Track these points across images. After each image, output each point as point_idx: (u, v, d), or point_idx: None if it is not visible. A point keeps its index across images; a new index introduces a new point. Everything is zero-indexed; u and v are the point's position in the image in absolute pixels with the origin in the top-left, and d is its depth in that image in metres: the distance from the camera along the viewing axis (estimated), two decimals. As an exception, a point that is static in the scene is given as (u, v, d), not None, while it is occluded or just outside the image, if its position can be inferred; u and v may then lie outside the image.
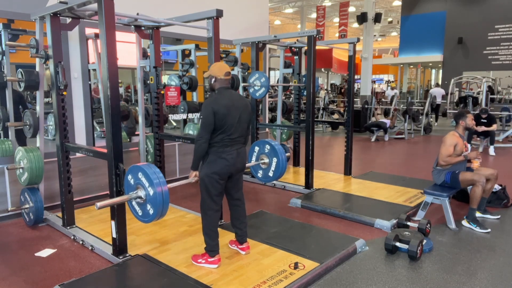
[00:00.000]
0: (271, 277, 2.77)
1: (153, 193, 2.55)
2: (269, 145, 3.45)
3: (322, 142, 10.24)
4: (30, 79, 3.63)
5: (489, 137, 8.16)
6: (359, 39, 5.73)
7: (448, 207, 3.93)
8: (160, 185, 2.54)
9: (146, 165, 2.64)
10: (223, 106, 2.81)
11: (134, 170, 2.66)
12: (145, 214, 2.65)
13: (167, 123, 5.52)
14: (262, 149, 3.52)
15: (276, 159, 3.43)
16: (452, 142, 4.01)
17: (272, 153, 3.46)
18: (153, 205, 2.56)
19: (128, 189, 2.74)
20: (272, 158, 3.45)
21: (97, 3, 2.79)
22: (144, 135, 4.67)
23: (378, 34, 23.86)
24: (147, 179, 2.57)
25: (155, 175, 2.56)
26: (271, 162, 3.46)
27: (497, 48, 16.25)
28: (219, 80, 2.93)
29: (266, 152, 3.49)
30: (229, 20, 4.56)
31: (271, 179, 3.51)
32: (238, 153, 2.93)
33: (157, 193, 2.53)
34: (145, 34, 4.26)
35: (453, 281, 2.88)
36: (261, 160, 3.51)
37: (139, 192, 2.63)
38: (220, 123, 2.80)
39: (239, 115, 2.89)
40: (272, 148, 3.45)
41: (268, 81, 5.38)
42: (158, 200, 2.53)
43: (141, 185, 2.62)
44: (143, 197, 2.62)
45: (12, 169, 3.84)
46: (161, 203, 2.54)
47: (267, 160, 3.49)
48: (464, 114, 4.16)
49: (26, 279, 2.91)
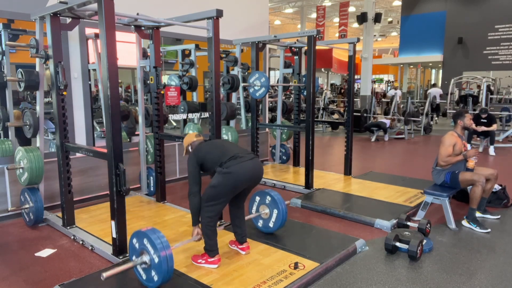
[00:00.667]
0: (271, 277, 2.77)
1: (157, 259, 2.49)
2: (270, 197, 3.49)
3: (322, 142, 10.24)
4: (30, 79, 3.63)
5: (489, 137, 8.16)
6: (359, 39, 5.73)
7: (448, 207, 3.93)
8: (164, 250, 2.49)
9: (151, 230, 2.59)
10: (203, 149, 2.96)
11: (139, 235, 2.62)
12: (150, 279, 2.60)
13: (167, 123, 5.52)
14: (263, 199, 3.55)
15: (277, 211, 3.47)
16: (450, 142, 4.01)
17: (273, 205, 3.49)
18: (158, 271, 2.51)
19: (132, 253, 2.70)
20: (273, 209, 3.49)
21: (97, 3, 2.79)
22: (144, 135, 4.67)
23: (378, 34, 23.88)
24: (152, 245, 2.52)
25: (158, 240, 2.51)
26: (271, 213, 3.50)
27: (497, 48, 16.26)
28: (193, 144, 3.13)
29: (267, 203, 3.52)
30: (229, 20, 4.56)
31: (272, 229, 3.54)
32: (253, 164, 2.91)
33: (162, 258, 2.47)
34: (145, 34, 4.26)
35: (453, 281, 2.88)
36: (262, 211, 3.55)
37: (144, 258, 2.57)
38: (211, 156, 2.90)
39: (222, 143, 3.10)
40: (273, 200, 3.48)
41: (268, 81, 5.38)
42: (163, 266, 2.48)
43: (146, 251, 2.57)
44: (148, 262, 2.56)
45: (12, 169, 3.84)
46: (166, 269, 2.48)
47: (268, 210, 3.52)
48: (463, 114, 4.16)
49: (26, 279, 2.91)
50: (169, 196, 4.75)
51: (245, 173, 2.84)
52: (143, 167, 4.77)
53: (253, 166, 2.90)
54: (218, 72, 3.69)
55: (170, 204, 4.48)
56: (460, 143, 4.05)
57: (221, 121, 3.85)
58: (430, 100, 12.00)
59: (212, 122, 3.75)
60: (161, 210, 4.29)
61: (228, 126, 5.72)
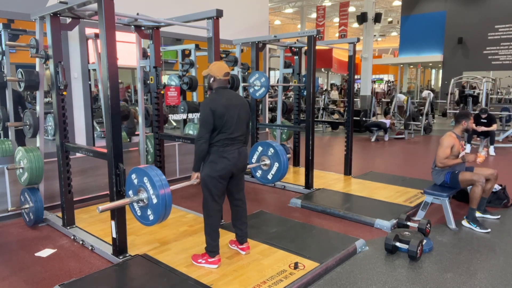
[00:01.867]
0: (271, 277, 2.77)
1: (155, 196, 2.52)
2: (273, 149, 3.43)
3: (322, 142, 10.24)
4: (30, 79, 3.63)
5: (489, 137, 8.16)
6: (359, 39, 5.73)
7: (448, 207, 3.93)
8: (163, 188, 2.52)
9: (149, 167, 2.62)
10: (221, 105, 2.81)
11: (138, 172, 2.63)
12: (145, 217, 2.63)
13: (167, 123, 5.52)
14: (266, 151, 3.49)
15: (278, 164, 3.42)
16: (449, 143, 4.00)
17: (275, 157, 3.44)
18: (155, 210, 2.54)
19: (129, 188, 2.73)
20: (274, 162, 3.44)
21: (97, 3, 2.79)
22: (144, 135, 4.67)
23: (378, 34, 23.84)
24: (150, 182, 2.54)
25: (157, 178, 2.53)
26: (272, 165, 3.46)
27: (497, 48, 16.26)
28: (217, 80, 2.94)
29: (269, 154, 3.47)
30: (229, 20, 4.56)
31: (269, 181, 3.52)
32: (239, 153, 2.92)
33: (160, 196, 2.50)
34: (145, 34, 4.25)
35: (453, 281, 2.88)
36: (262, 162, 3.49)
37: (141, 195, 2.60)
38: (219, 122, 2.80)
39: (238, 114, 2.90)
40: (275, 152, 3.43)
41: (268, 81, 5.38)
42: (160, 204, 2.51)
43: (144, 188, 2.60)
44: (145, 201, 2.60)
45: (12, 169, 3.84)
46: (163, 207, 2.51)
47: (269, 162, 3.47)
48: (469, 116, 4.16)
49: (26, 279, 2.91)
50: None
51: (230, 164, 2.87)
52: (143, 167, 4.76)
53: (238, 154, 2.92)
54: (218, 72, 3.69)
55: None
56: (458, 145, 4.04)
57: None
58: (430, 101, 12.00)
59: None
60: (161, 210, 4.29)
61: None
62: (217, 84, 2.95)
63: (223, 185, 2.92)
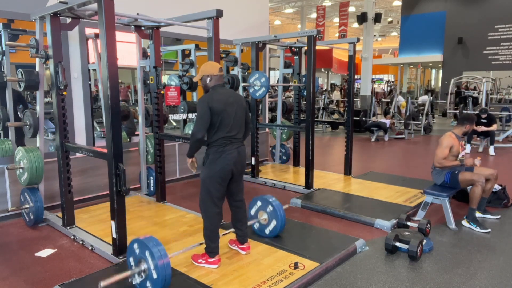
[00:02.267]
0: (271, 277, 2.77)
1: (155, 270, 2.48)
2: (271, 206, 3.45)
3: (322, 142, 10.24)
4: (30, 79, 3.63)
5: (489, 137, 8.16)
6: (359, 39, 5.73)
7: (448, 207, 3.93)
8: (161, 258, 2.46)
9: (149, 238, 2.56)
10: (218, 102, 2.81)
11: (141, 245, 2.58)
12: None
13: (167, 123, 5.52)
14: (264, 207, 3.51)
15: (275, 222, 3.44)
16: (448, 143, 4.00)
17: (273, 214, 3.45)
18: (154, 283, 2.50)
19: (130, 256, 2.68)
20: (272, 219, 3.46)
21: (97, 3, 2.79)
22: (144, 135, 4.67)
23: (378, 34, 23.87)
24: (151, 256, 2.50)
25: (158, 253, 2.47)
26: (270, 222, 3.48)
27: (497, 48, 16.26)
28: (214, 78, 2.94)
29: (267, 211, 3.49)
30: (229, 20, 4.56)
31: (265, 236, 3.52)
32: (238, 152, 2.92)
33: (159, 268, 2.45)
34: (145, 34, 4.26)
35: (453, 281, 2.88)
36: (261, 217, 3.52)
37: (142, 266, 2.54)
38: (216, 119, 2.80)
39: (235, 111, 2.90)
40: (274, 210, 3.44)
41: (268, 81, 5.38)
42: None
43: (143, 259, 2.54)
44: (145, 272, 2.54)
45: (12, 169, 3.84)
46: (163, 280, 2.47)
47: (267, 217, 3.49)
48: (474, 120, 4.17)
49: (26, 279, 2.91)
50: (169, 196, 4.74)
51: (229, 164, 2.86)
52: (143, 167, 4.77)
53: (237, 153, 2.91)
54: (218, 72, 3.69)
55: (170, 204, 4.48)
56: (458, 145, 4.04)
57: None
58: (430, 101, 12.00)
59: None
60: (161, 210, 4.29)
61: (228, 126, 5.71)
62: (214, 81, 2.95)
63: (223, 187, 2.91)
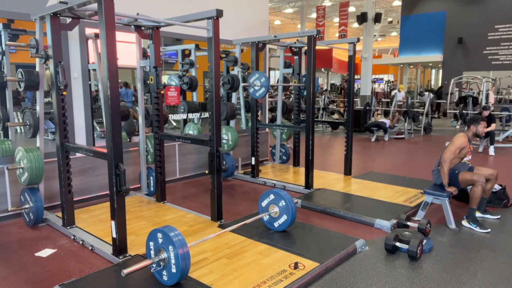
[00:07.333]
0: (271, 277, 2.77)
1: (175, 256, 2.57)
2: (284, 201, 3.52)
3: (322, 142, 10.24)
4: (30, 79, 3.63)
5: (489, 137, 8.16)
6: (359, 39, 5.73)
7: (448, 207, 3.93)
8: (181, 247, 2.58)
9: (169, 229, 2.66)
10: None
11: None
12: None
13: (167, 123, 5.52)
14: (277, 201, 3.57)
15: (286, 217, 3.52)
16: (461, 144, 3.97)
17: (285, 210, 3.53)
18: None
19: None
20: (283, 214, 3.54)
21: (97, 3, 2.79)
22: (144, 135, 4.67)
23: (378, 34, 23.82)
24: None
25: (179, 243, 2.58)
26: (280, 216, 3.56)
27: (497, 48, 16.26)
28: None
29: (279, 205, 3.55)
30: (229, 20, 4.56)
31: (275, 228, 3.61)
32: None
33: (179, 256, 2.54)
34: (145, 34, 4.26)
35: (453, 281, 2.88)
36: (272, 210, 3.59)
37: (161, 255, 2.63)
38: None
39: None
40: (287, 205, 3.51)
41: (268, 81, 5.38)
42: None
43: (164, 249, 2.63)
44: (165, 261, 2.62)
45: (12, 169, 3.84)
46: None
47: (278, 210, 3.56)
48: (478, 121, 4.13)
49: (26, 279, 2.91)
50: (169, 196, 4.74)
51: None
52: (143, 167, 4.77)
53: None
54: (218, 72, 3.70)
55: (170, 204, 4.48)
56: (468, 148, 4.04)
57: (221, 121, 3.85)
58: (430, 100, 12.00)
59: (212, 122, 3.75)
60: (161, 210, 4.29)
61: (228, 126, 5.72)
62: None
63: None
